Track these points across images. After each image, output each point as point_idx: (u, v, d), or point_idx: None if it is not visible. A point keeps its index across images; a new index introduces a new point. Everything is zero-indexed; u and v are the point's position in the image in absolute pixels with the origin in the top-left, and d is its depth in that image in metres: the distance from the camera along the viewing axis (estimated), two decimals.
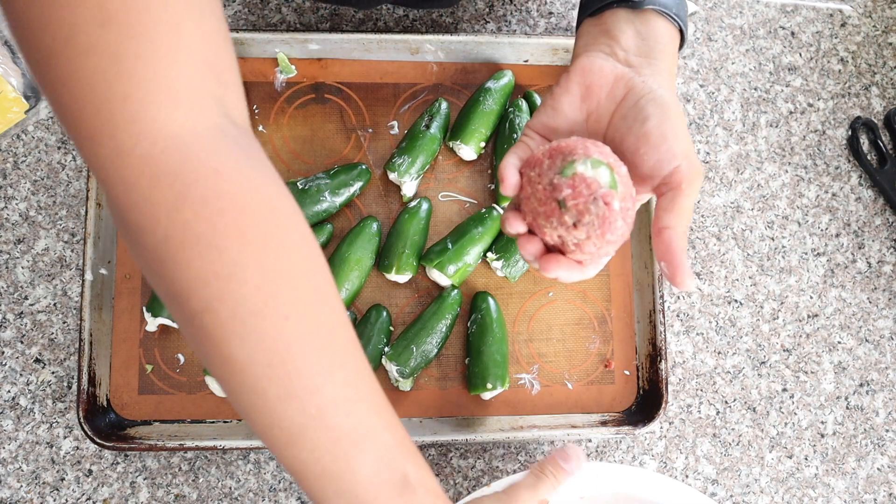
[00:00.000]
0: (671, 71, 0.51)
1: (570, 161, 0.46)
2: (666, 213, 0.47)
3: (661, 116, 0.47)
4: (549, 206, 0.46)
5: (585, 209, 0.45)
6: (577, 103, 0.51)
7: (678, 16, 0.52)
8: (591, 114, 0.51)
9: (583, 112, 0.51)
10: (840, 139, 0.79)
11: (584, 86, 0.50)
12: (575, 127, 0.51)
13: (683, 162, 0.47)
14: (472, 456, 0.71)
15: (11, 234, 0.71)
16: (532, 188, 0.47)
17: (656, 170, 0.47)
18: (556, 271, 0.48)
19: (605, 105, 0.50)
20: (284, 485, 0.69)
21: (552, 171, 0.46)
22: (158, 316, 0.67)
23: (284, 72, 0.74)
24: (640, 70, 0.50)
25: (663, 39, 0.51)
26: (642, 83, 0.49)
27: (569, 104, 0.51)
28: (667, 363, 0.70)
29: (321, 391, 0.40)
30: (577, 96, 0.51)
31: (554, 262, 0.48)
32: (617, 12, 0.52)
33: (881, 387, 0.75)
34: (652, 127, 0.47)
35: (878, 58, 0.81)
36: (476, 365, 0.69)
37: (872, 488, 0.73)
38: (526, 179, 0.48)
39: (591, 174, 0.45)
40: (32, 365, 0.69)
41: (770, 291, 0.76)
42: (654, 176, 0.48)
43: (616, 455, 0.72)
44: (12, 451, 0.67)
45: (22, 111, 0.71)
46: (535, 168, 0.47)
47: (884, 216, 0.79)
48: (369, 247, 0.70)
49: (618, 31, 0.51)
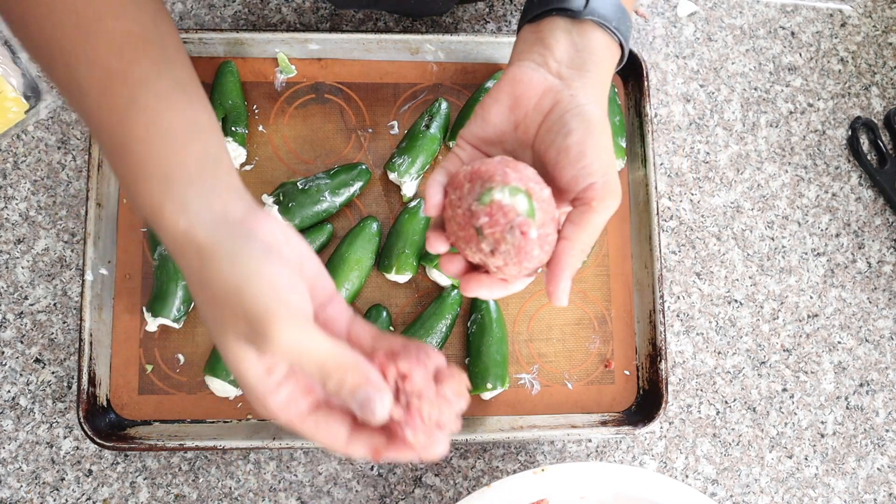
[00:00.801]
0: (603, 84, 0.51)
1: (488, 188, 0.45)
2: (571, 224, 0.47)
3: (584, 132, 0.47)
4: (467, 231, 0.46)
5: (502, 238, 0.45)
6: (505, 113, 0.50)
7: (618, 29, 0.51)
8: (518, 124, 0.50)
9: (511, 122, 0.51)
10: (840, 139, 0.79)
11: (513, 96, 0.50)
12: (504, 137, 0.51)
13: (599, 180, 0.47)
14: (472, 456, 0.71)
15: (11, 234, 0.71)
16: (453, 211, 0.47)
17: (572, 184, 0.47)
18: (477, 291, 0.48)
19: (532, 116, 0.50)
20: (284, 485, 0.69)
21: (471, 196, 0.46)
22: (158, 316, 0.67)
23: (284, 72, 0.74)
24: (571, 83, 0.49)
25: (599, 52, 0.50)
26: (570, 97, 0.49)
27: (497, 114, 0.50)
28: (667, 363, 0.70)
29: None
30: (506, 106, 0.50)
31: (475, 283, 0.48)
32: (555, 21, 0.51)
33: (881, 387, 0.75)
34: (573, 142, 0.47)
35: (878, 58, 0.81)
36: (476, 365, 0.69)
37: (872, 488, 0.73)
38: (448, 201, 0.48)
39: (508, 202, 0.45)
40: (32, 365, 0.69)
41: (770, 291, 0.76)
42: (569, 190, 0.48)
43: (616, 455, 0.72)
44: (12, 451, 0.67)
45: (22, 111, 0.71)
46: (457, 191, 0.47)
47: (884, 216, 0.79)
48: (369, 247, 0.70)
49: (553, 41, 0.50)
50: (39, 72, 0.73)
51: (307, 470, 0.69)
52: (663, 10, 0.80)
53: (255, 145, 0.73)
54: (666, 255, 0.75)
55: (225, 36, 0.72)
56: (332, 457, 0.69)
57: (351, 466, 0.69)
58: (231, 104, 0.71)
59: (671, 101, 0.78)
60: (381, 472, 0.70)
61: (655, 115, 0.78)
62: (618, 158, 0.73)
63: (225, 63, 0.72)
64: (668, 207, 0.76)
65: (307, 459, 0.69)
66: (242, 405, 0.69)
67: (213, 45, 0.72)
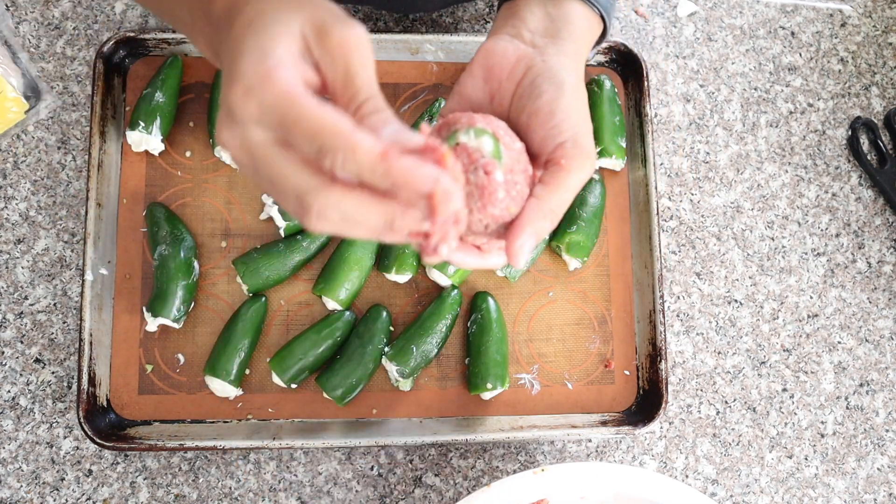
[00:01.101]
0: (578, 53, 0.50)
1: (453, 131, 0.44)
2: (541, 184, 0.45)
3: (555, 93, 0.46)
4: None
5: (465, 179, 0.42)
6: (479, 85, 0.50)
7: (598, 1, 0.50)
8: (493, 95, 0.50)
9: (486, 94, 0.50)
10: (840, 139, 0.79)
11: (486, 68, 0.50)
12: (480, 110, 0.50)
13: (570, 140, 0.45)
14: (472, 456, 0.71)
15: (11, 234, 0.71)
16: None
17: (543, 146, 0.46)
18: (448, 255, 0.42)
19: (505, 86, 0.49)
20: (284, 485, 0.69)
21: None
22: (158, 316, 0.67)
23: None
24: (544, 50, 0.49)
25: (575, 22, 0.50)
26: (542, 62, 0.48)
27: (472, 87, 0.50)
28: (667, 363, 0.70)
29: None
30: (480, 78, 0.50)
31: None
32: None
33: (881, 387, 0.75)
34: (542, 103, 0.46)
35: (878, 58, 0.81)
36: (476, 365, 0.69)
37: (872, 488, 0.73)
38: None
39: (473, 143, 0.43)
40: (32, 365, 0.69)
41: (770, 291, 0.76)
42: (542, 153, 0.47)
43: (616, 455, 0.72)
44: (12, 451, 0.67)
45: (22, 111, 0.71)
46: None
47: (884, 216, 0.79)
48: (369, 247, 0.70)
49: (527, 13, 0.50)
50: (39, 72, 0.73)
51: (307, 470, 0.69)
52: (663, 10, 0.80)
53: None
54: (666, 255, 0.75)
55: None
56: (332, 457, 0.69)
57: (351, 466, 0.69)
58: None
59: (671, 101, 0.78)
60: (381, 472, 0.70)
61: (655, 115, 0.78)
62: (618, 158, 0.73)
63: None
64: (668, 207, 0.76)
65: (307, 459, 0.69)
66: (242, 405, 0.69)
67: None
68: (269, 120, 0.36)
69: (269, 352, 0.70)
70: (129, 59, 0.73)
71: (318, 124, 0.35)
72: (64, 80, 0.73)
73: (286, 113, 0.36)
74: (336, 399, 0.67)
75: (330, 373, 0.67)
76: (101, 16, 0.75)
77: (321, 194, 0.36)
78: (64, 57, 0.74)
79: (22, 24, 0.74)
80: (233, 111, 0.37)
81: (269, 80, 0.36)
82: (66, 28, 0.74)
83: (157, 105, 0.70)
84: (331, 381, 0.67)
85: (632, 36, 0.79)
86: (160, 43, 0.72)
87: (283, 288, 0.71)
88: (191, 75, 0.73)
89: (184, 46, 0.73)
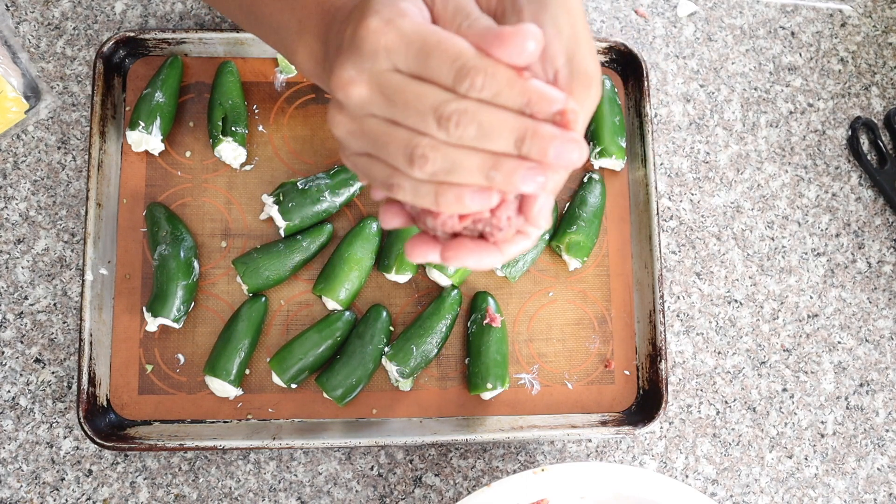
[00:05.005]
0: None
1: None
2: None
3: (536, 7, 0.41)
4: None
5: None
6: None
7: None
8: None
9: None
10: (840, 139, 0.79)
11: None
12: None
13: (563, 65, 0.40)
14: (472, 456, 0.71)
15: (11, 234, 0.71)
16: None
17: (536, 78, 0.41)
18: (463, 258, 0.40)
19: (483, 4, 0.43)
20: (284, 485, 0.69)
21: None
22: (158, 316, 0.67)
23: (284, 72, 0.74)
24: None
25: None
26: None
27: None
28: (667, 363, 0.70)
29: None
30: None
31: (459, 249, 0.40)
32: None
33: (881, 387, 0.75)
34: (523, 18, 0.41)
35: (878, 58, 0.81)
36: (476, 365, 0.69)
37: (872, 488, 0.73)
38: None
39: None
40: (32, 365, 0.69)
41: (770, 291, 0.76)
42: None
43: (616, 455, 0.72)
44: (12, 451, 0.67)
45: (22, 111, 0.71)
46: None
47: (884, 216, 0.79)
48: (369, 247, 0.70)
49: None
50: (39, 72, 0.73)
51: (307, 470, 0.69)
52: (663, 10, 0.80)
53: (255, 145, 0.73)
54: (666, 255, 0.75)
55: (225, 36, 0.72)
56: (332, 457, 0.69)
57: (351, 466, 0.69)
58: (231, 104, 0.71)
59: (671, 101, 0.78)
60: (381, 472, 0.70)
61: (655, 115, 0.78)
62: (618, 158, 0.73)
63: (225, 63, 0.72)
64: (668, 207, 0.76)
65: (307, 459, 0.69)
66: (242, 405, 0.69)
67: (213, 45, 0.72)
68: (408, 48, 0.37)
69: (269, 352, 0.70)
70: (129, 59, 0.73)
71: (459, 45, 0.37)
72: (64, 80, 0.74)
73: (427, 38, 0.37)
74: (336, 399, 0.67)
75: (330, 373, 0.67)
76: (101, 16, 0.75)
77: (462, 102, 0.37)
78: (64, 57, 0.74)
79: (22, 24, 0.74)
80: (365, 43, 0.38)
81: (406, 13, 0.38)
82: (66, 28, 0.74)
83: (157, 105, 0.70)
84: (331, 381, 0.67)
85: (632, 36, 0.79)
86: (160, 43, 0.72)
87: (283, 288, 0.71)
88: (191, 75, 0.73)
89: (184, 46, 0.73)
